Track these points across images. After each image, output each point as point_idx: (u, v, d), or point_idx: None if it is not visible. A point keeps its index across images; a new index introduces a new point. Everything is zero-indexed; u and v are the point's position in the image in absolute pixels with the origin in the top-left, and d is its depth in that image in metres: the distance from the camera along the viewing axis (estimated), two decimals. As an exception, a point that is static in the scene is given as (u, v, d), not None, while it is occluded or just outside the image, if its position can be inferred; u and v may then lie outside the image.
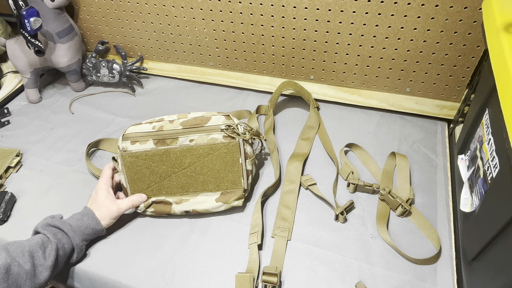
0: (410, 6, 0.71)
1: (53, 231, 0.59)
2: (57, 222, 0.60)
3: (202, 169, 0.67)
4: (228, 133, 0.66)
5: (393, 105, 0.88)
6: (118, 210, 0.65)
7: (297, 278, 0.60)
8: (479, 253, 0.51)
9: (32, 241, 0.56)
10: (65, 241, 0.59)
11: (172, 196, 0.68)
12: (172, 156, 0.66)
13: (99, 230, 0.64)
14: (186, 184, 0.67)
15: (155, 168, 0.67)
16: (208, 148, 0.66)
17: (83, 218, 0.63)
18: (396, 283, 0.58)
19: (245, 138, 0.67)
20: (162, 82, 1.06)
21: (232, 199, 0.67)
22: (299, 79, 0.92)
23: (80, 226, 0.62)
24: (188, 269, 0.62)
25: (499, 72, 0.46)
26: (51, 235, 0.58)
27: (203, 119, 0.67)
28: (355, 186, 0.71)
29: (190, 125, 0.66)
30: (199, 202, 0.67)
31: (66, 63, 0.96)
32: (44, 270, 0.55)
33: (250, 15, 0.83)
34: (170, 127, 0.66)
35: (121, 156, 0.67)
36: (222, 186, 0.67)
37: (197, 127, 0.66)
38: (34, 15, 0.79)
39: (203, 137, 0.66)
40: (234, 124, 0.67)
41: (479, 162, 0.56)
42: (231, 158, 0.66)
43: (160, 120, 0.68)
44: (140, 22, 0.96)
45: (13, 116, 0.96)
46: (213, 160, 0.66)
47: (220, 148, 0.66)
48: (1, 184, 0.77)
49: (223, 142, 0.66)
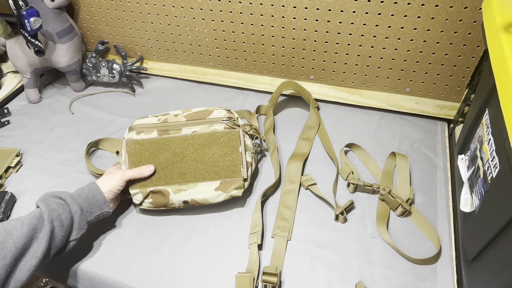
0: (410, 6, 0.71)
1: (50, 201, 0.58)
2: (57, 192, 0.60)
3: (202, 157, 0.68)
4: (229, 124, 0.70)
5: (393, 105, 0.88)
6: (122, 174, 0.65)
7: (297, 278, 0.60)
8: (479, 253, 0.51)
9: (30, 215, 0.54)
10: (61, 211, 0.57)
11: (170, 185, 0.67)
12: (175, 144, 0.69)
13: (101, 200, 0.62)
14: (186, 172, 0.68)
15: (157, 156, 0.68)
16: (209, 136, 0.69)
17: (84, 187, 0.63)
18: (396, 283, 0.58)
19: (245, 129, 0.70)
20: (162, 82, 1.06)
21: (231, 188, 0.66)
22: (299, 79, 0.92)
23: (80, 194, 0.61)
24: (188, 269, 0.62)
25: (499, 72, 0.46)
26: (45, 205, 0.56)
27: (206, 112, 0.72)
28: (355, 186, 0.71)
29: (193, 118, 0.72)
30: (198, 191, 0.67)
31: (66, 63, 0.96)
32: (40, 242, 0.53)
33: (250, 15, 0.83)
34: (174, 119, 0.72)
35: (126, 143, 0.69)
36: (221, 175, 0.67)
37: (199, 119, 0.71)
38: (34, 15, 0.79)
39: (204, 128, 0.70)
40: (235, 117, 0.71)
41: (479, 162, 0.56)
42: (231, 146, 0.68)
43: (165, 114, 0.74)
44: (140, 22, 0.96)
45: (13, 116, 0.96)
46: (213, 149, 0.68)
47: (221, 137, 0.69)
48: (1, 184, 0.77)
49: (224, 131, 0.69)
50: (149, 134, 0.70)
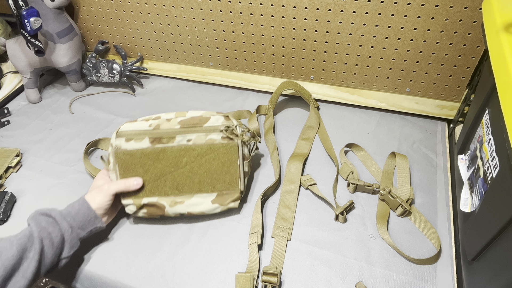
0: (410, 6, 0.71)
1: (40, 219, 0.57)
2: (46, 210, 0.58)
3: (199, 169, 0.65)
4: (227, 134, 0.65)
5: (393, 105, 0.88)
6: (108, 188, 0.62)
7: (297, 278, 0.60)
8: (479, 253, 0.51)
9: (19, 235, 0.53)
10: (51, 229, 0.56)
11: (165, 197, 0.65)
12: (169, 155, 0.64)
13: (92, 216, 0.60)
14: (182, 184, 0.65)
15: (150, 167, 0.64)
16: (207, 148, 0.65)
17: (74, 204, 0.61)
18: (396, 283, 0.58)
19: (243, 139, 0.66)
20: (162, 82, 1.06)
21: (228, 201, 0.66)
22: (299, 79, 0.92)
23: (70, 212, 0.59)
24: (188, 269, 0.62)
25: (499, 72, 0.46)
26: (35, 224, 0.55)
27: (202, 119, 0.65)
28: (355, 186, 0.71)
29: (188, 125, 0.64)
30: (194, 204, 0.66)
31: (66, 63, 0.96)
32: (30, 262, 0.52)
33: (250, 15, 0.83)
34: (167, 125, 0.64)
35: (115, 154, 0.64)
36: (218, 187, 0.66)
37: (195, 127, 0.65)
38: (34, 15, 0.79)
39: (201, 137, 0.65)
40: (233, 125, 0.65)
41: (479, 162, 0.56)
42: (229, 159, 0.65)
43: (157, 118, 0.65)
44: (140, 22, 0.96)
45: (13, 116, 0.96)
46: (210, 161, 0.65)
47: (218, 149, 0.65)
48: (1, 184, 0.77)
49: (222, 143, 0.65)
50: (140, 141, 0.64)
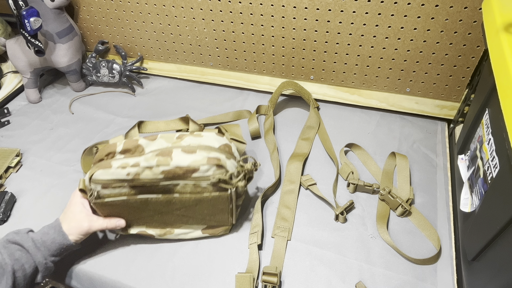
0: (410, 6, 0.71)
1: (12, 249, 0.54)
2: (19, 238, 0.55)
3: (187, 212, 0.61)
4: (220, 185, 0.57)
5: (393, 105, 0.88)
6: (89, 227, 0.58)
7: (297, 278, 0.60)
8: (479, 253, 0.51)
9: None
10: (24, 261, 0.53)
11: (154, 229, 0.64)
12: (154, 204, 0.59)
13: (68, 245, 0.57)
14: (170, 221, 0.62)
15: (134, 212, 0.60)
16: (196, 200, 0.59)
17: (50, 231, 0.57)
18: (396, 283, 0.58)
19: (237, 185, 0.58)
20: (162, 82, 1.06)
21: (219, 231, 0.65)
22: (299, 79, 0.92)
23: (45, 241, 0.56)
24: (188, 269, 0.62)
25: (499, 72, 0.46)
26: (7, 255, 0.53)
27: (189, 170, 0.55)
28: (355, 186, 0.71)
29: (172, 175, 0.55)
30: (184, 233, 0.64)
31: (66, 63, 0.96)
32: None
33: (250, 15, 0.83)
34: (148, 174, 0.55)
35: (93, 203, 0.58)
36: (209, 224, 0.64)
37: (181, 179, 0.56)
38: (34, 15, 0.79)
39: (188, 185, 0.57)
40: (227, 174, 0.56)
41: (479, 162, 0.56)
42: (221, 205, 0.61)
43: (135, 165, 0.54)
44: (140, 22, 0.96)
45: (13, 116, 0.96)
46: (201, 207, 0.60)
47: (209, 201, 0.59)
48: (1, 184, 0.77)
49: (213, 195, 0.58)
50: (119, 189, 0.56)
